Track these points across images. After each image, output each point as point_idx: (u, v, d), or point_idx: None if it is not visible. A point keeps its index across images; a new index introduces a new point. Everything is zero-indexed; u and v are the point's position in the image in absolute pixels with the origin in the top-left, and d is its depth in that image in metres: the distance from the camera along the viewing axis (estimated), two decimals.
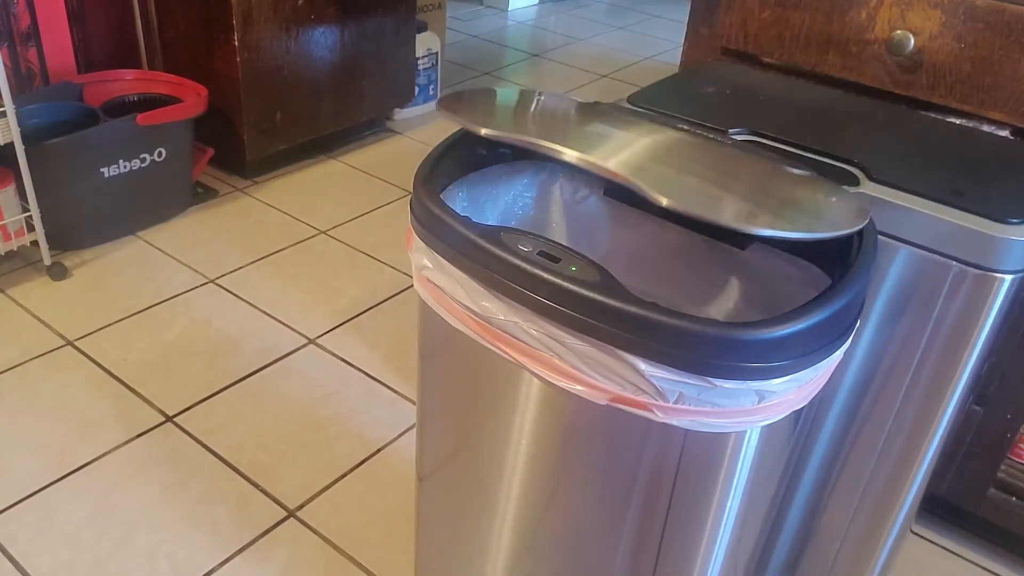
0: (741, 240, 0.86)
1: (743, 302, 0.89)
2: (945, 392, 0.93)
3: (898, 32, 1.14)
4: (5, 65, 1.93)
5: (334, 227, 2.18)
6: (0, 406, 1.54)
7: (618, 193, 0.93)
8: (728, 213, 0.71)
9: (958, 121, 1.14)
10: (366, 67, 2.50)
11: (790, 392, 0.70)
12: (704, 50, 1.37)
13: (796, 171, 0.84)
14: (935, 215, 0.85)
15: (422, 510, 1.03)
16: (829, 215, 0.77)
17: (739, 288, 0.89)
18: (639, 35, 3.85)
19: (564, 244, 0.73)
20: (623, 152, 0.78)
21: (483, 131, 0.79)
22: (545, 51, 3.58)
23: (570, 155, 0.75)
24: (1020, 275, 0.85)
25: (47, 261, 1.88)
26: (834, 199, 0.79)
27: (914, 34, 1.14)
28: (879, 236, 0.83)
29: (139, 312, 1.81)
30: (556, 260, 0.71)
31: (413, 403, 1.62)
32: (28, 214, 1.82)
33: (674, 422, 0.70)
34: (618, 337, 0.68)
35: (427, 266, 0.80)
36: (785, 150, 0.95)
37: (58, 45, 2.17)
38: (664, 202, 0.68)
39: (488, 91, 0.95)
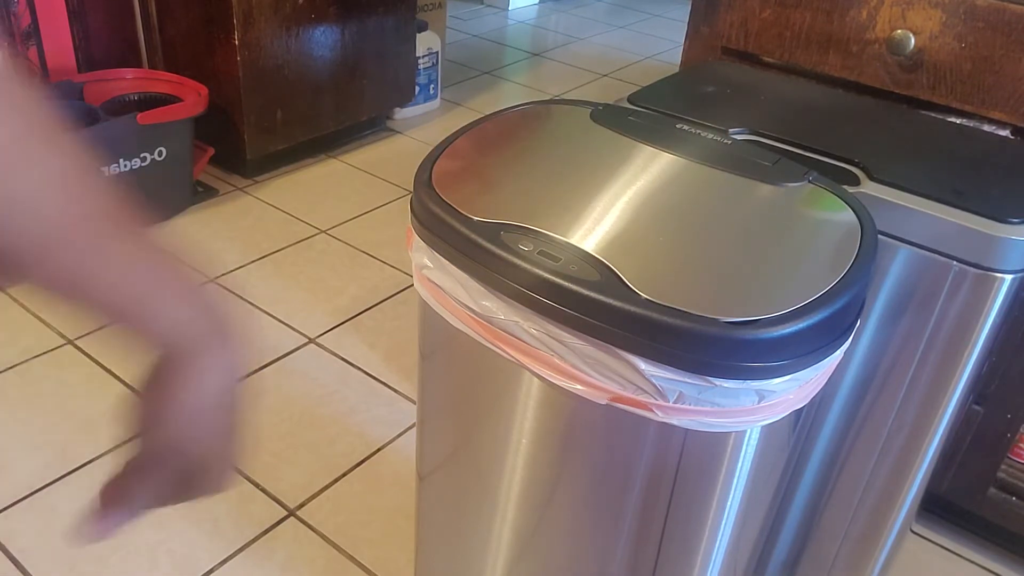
0: None
1: None
2: (945, 392, 0.93)
3: (899, 32, 1.14)
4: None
5: (334, 226, 2.18)
6: (1, 404, 1.54)
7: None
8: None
9: (958, 121, 1.14)
10: (366, 66, 2.50)
11: (790, 392, 0.70)
12: (704, 49, 1.37)
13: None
14: (935, 215, 0.85)
15: (422, 509, 1.03)
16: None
17: None
18: (639, 34, 3.85)
19: (565, 239, 0.73)
20: (602, 229, 0.76)
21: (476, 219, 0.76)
22: (545, 50, 3.58)
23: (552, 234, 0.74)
24: (1020, 275, 0.85)
25: None
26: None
27: (915, 34, 1.14)
28: (879, 236, 0.82)
29: None
30: (557, 259, 0.71)
31: (413, 402, 1.62)
32: None
33: (674, 421, 0.70)
34: (618, 336, 0.68)
35: (427, 265, 0.80)
36: (786, 149, 0.95)
37: (58, 44, 2.17)
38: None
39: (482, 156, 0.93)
